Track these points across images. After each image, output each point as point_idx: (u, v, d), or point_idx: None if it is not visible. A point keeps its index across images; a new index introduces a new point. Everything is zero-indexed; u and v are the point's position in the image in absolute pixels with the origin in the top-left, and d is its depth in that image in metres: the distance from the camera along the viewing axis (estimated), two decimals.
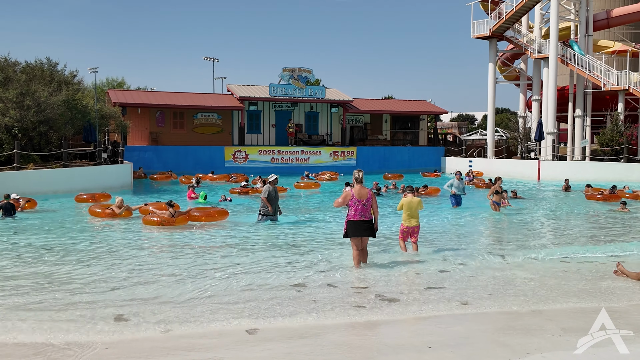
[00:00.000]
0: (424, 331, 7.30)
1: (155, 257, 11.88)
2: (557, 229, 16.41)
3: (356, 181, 10.80)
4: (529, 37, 39.57)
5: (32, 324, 7.47)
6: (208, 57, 63.84)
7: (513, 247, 13.26)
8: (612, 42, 42.78)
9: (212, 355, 6.45)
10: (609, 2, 46.39)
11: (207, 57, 63.79)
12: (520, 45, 39.57)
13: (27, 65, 29.08)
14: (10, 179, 22.73)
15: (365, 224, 10.63)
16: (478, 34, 40.45)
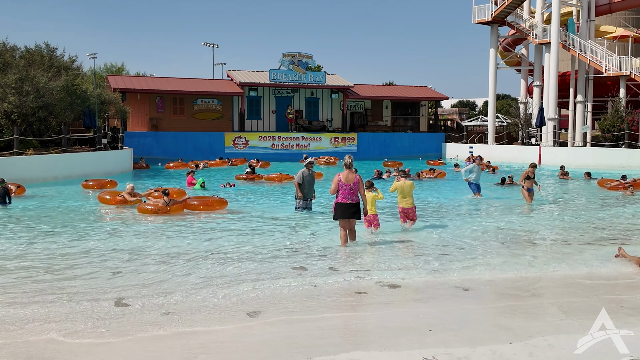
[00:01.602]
0: (425, 315, 7.30)
1: (153, 243, 11.89)
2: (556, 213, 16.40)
3: (345, 166, 11.32)
4: (531, 22, 39.39)
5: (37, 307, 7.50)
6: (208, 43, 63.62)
7: (512, 229, 13.26)
8: (614, 28, 42.63)
9: (213, 336, 6.47)
10: None
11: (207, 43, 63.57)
12: (521, 30, 39.42)
13: (26, 50, 29.01)
14: (10, 164, 22.71)
15: (351, 206, 11.18)
16: (479, 19, 40.28)
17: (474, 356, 5.88)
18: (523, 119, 40.91)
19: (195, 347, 6.13)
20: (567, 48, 36.66)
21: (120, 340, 6.39)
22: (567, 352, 6.03)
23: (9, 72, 25.72)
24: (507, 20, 39.56)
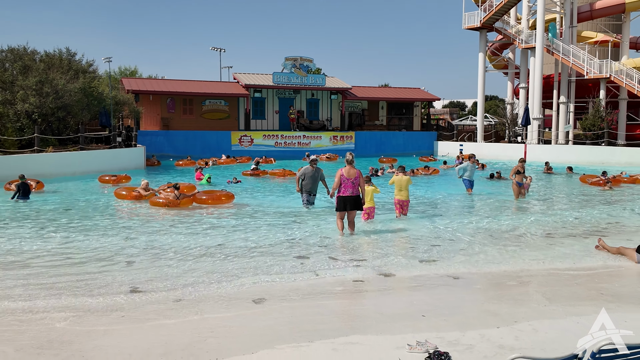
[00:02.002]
0: (418, 301, 7.32)
1: (165, 235, 11.90)
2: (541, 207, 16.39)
3: (347, 162, 11.66)
4: (517, 28, 39.29)
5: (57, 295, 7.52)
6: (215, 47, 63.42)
7: (501, 223, 13.25)
8: (594, 33, 42.53)
9: (222, 322, 6.49)
10: None
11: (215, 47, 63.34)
12: (508, 35, 39.32)
13: (45, 54, 28.92)
14: (31, 161, 22.75)
15: (352, 199, 11.44)
16: (469, 25, 40.18)
17: (464, 340, 5.90)
18: (510, 118, 40.87)
19: (204, 331, 6.15)
20: (551, 52, 36.58)
21: (135, 325, 6.41)
22: (550, 335, 6.05)
23: (30, 74, 25.68)
24: (495, 26, 39.46)
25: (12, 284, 8.04)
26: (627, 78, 34.70)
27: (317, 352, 5.58)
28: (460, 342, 5.83)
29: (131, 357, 5.47)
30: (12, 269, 8.91)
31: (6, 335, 6.06)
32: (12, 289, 7.76)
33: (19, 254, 9.96)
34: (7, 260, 9.49)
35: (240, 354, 5.52)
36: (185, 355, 5.51)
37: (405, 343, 5.74)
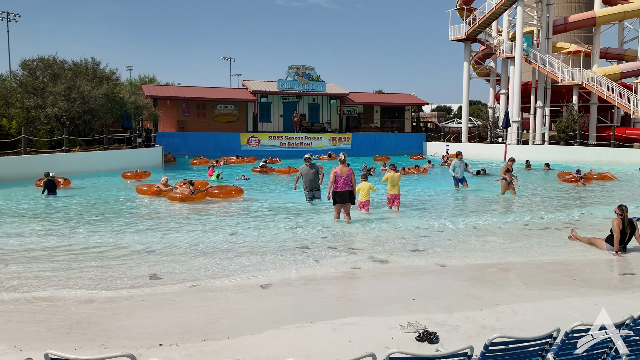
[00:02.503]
0: (409, 286, 7.34)
1: (181, 226, 11.92)
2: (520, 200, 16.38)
3: (340, 162, 12.17)
4: (498, 39, 39.20)
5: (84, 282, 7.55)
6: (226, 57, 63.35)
7: (484, 216, 13.25)
8: (568, 44, 42.44)
9: (232, 305, 6.51)
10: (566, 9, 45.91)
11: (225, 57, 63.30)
12: (490, 46, 39.24)
13: (73, 63, 28.91)
14: (60, 159, 22.76)
15: (346, 193, 11.85)
16: (455, 37, 40.08)
17: (450, 321, 5.92)
18: (491, 121, 40.83)
19: (217, 313, 6.18)
20: (529, 61, 36.51)
21: (155, 308, 6.44)
22: (528, 317, 6.07)
23: (59, 81, 25.66)
24: (478, 38, 39.37)
25: (43, 272, 8.07)
26: (597, 85, 34.68)
27: (318, 332, 5.60)
28: (447, 323, 5.85)
29: (151, 336, 5.50)
30: (43, 258, 8.94)
31: (39, 317, 6.09)
32: (43, 277, 7.79)
33: (49, 245, 9.98)
34: (38, 250, 9.51)
35: (250, 334, 5.55)
36: (200, 334, 5.54)
37: (398, 324, 5.76)
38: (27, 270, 8.07)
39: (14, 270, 8.08)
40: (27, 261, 8.62)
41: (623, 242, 9.32)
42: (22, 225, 11.81)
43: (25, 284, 7.37)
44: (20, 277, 7.67)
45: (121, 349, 5.15)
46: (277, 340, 5.39)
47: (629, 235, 9.36)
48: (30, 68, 27.36)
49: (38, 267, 8.21)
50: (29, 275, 7.76)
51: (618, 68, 38.18)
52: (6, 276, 7.73)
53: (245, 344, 5.30)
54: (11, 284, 7.34)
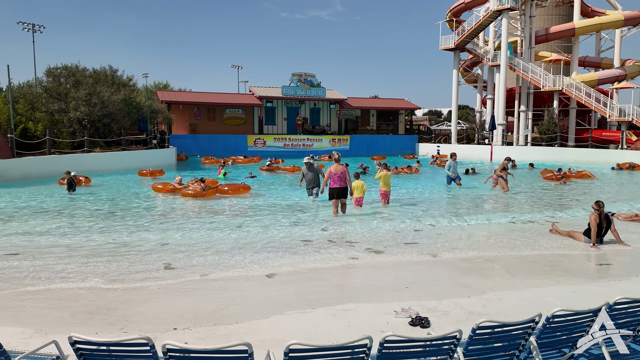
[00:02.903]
0: (402, 276, 7.35)
1: (194, 221, 11.93)
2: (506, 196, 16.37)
3: (335, 161, 12.45)
4: (485, 49, 39.13)
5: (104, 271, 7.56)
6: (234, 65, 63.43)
7: (473, 212, 13.27)
8: (549, 53, 42.35)
9: (240, 292, 6.52)
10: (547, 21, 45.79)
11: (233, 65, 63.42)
12: (478, 55, 39.17)
13: (93, 71, 28.90)
14: (82, 159, 22.78)
15: (340, 189, 12.15)
16: (445, 47, 40.02)
17: (441, 307, 5.93)
18: (478, 124, 40.77)
19: (226, 300, 6.19)
20: (513, 69, 36.46)
21: (169, 295, 6.45)
22: (512, 304, 6.07)
23: (81, 88, 25.65)
24: (466, 48, 39.29)
25: (66, 263, 8.09)
26: (576, 90, 34.63)
27: (319, 317, 5.61)
28: (438, 309, 5.86)
29: (166, 321, 5.51)
30: (65, 251, 8.95)
31: (63, 303, 6.10)
32: (66, 268, 7.80)
33: (71, 238, 9.99)
34: (61, 244, 9.53)
35: (256, 319, 5.56)
36: (211, 319, 5.55)
37: (392, 310, 5.77)
38: (52, 261, 8.09)
39: (40, 262, 8.10)
40: (52, 253, 8.63)
41: (600, 235, 9.33)
42: (47, 220, 11.83)
43: (51, 274, 7.39)
44: (46, 269, 7.69)
45: (138, 332, 5.17)
46: (281, 324, 5.41)
47: (605, 228, 9.36)
48: (54, 75, 27.35)
49: (61, 259, 8.23)
50: (53, 266, 7.78)
51: (595, 75, 38.15)
52: (34, 267, 7.75)
53: (252, 328, 5.32)
54: (37, 275, 7.36)
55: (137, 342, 3.68)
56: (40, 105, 25.20)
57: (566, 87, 34.87)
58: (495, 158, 33.93)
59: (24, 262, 7.99)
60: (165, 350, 3.63)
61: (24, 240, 9.61)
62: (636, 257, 8.51)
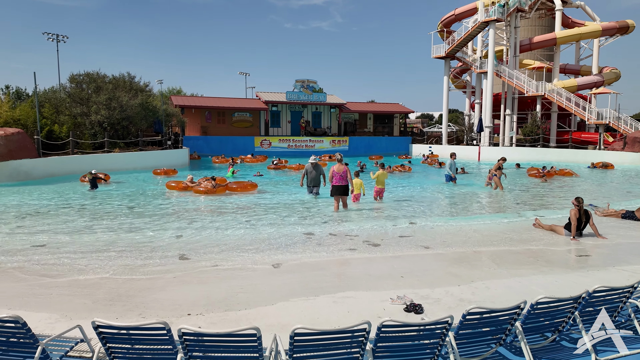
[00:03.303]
0: (398, 266, 7.34)
1: (206, 216, 11.94)
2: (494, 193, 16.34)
3: (337, 161, 12.57)
4: (473, 57, 39.03)
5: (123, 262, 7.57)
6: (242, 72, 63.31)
7: (461, 206, 13.25)
8: (533, 61, 42.23)
9: (249, 281, 6.52)
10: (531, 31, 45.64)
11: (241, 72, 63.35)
12: (466, 63, 39.08)
13: (113, 77, 28.89)
14: (103, 159, 22.79)
15: (342, 187, 12.24)
16: (436, 55, 39.93)
17: (433, 295, 5.93)
18: (467, 126, 40.75)
19: (236, 288, 6.19)
20: (499, 75, 36.37)
21: (184, 284, 6.46)
22: (499, 292, 6.07)
23: (101, 93, 25.64)
24: (456, 56, 39.20)
25: (88, 254, 8.10)
26: (557, 96, 34.56)
27: (322, 304, 5.62)
28: (430, 296, 5.86)
29: (181, 307, 5.52)
30: (88, 243, 8.96)
31: (86, 291, 6.11)
32: (88, 258, 7.82)
33: (93, 231, 10.01)
34: (83, 236, 9.54)
35: (264, 305, 5.57)
36: (222, 305, 5.56)
37: (388, 297, 5.77)
38: (75, 253, 8.10)
39: (65, 253, 8.11)
40: (75, 246, 8.65)
41: (579, 228, 9.32)
42: (71, 215, 11.84)
43: (74, 264, 7.40)
44: (70, 260, 7.71)
45: (155, 317, 5.18)
46: (287, 310, 5.41)
47: (585, 222, 9.35)
48: (77, 81, 27.34)
49: (84, 251, 8.24)
50: (76, 258, 7.79)
51: (575, 81, 38.06)
52: (59, 258, 7.76)
53: (260, 313, 5.32)
54: (62, 265, 7.38)
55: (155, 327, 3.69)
56: (64, 109, 25.20)
57: (548, 93, 34.80)
58: (482, 158, 33.89)
59: (49, 253, 8.01)
60: (180, 334, 3.64)
61: (50, 233, 9.62)
62: (613, 249, 8.50)
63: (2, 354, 4.11)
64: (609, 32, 38.35)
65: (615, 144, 31.05)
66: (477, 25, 35.50)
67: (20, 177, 18.95)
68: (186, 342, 3.68)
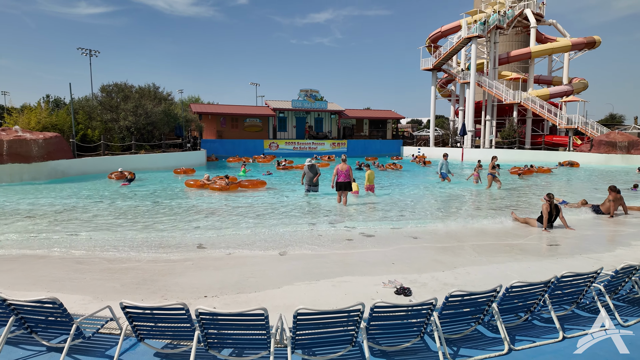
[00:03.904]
0: (390, 254, 7.35)
1: (220, 210, 11.95)
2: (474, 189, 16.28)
3: (342, 161, 12.94)
4: (457, 69, 38.92)
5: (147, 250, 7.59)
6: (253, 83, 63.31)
7: (445, 201, 13.22)
8: (510, 72, 42.08)
9: (258, 267, 6.54)
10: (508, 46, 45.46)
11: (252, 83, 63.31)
12: (451, 74, 38.97)
13: (139, 87, 28.90)
14: (130, 159, 22.81)
15: (344, 183, 12.57)
16: (425, 67, 39.83)
17: (420, 279, 5.93)
18: (452, 130, 40.64)
19: (247, 274, 6.21)
20: (480, 85, 36.26)
21: (201, 270, 6.47)
22: (478, 277, 6.07)
23: (129, 101, 25.67)
24: (442, 68, 39.09)
25: (117, 243, 8.12)
26: (532, 103, 34.45)
27: (322, 287, 5.63)
28: (418, 281, 5.87)
29: (199, 290, 5.54)
30: (117, 233, 8.99)
31: (115, 276, 6.14)
32: (117, 247, 7.84)
33: (121, 222, 10.03)
34: (113, 226, 9.57)
35: (271, 288, 5.58)
36: (235, 289, 5.58)
37: (381, 281, 5.78)
38: (106, 242, 8.13)
39: (97, 242, 8.14)
40: (106, 235, 8.67)
41: (550, 221, 9.31)
42: (102, 207, 11.86)
43: (105, 252, 7.43)
44: (102, 248, 7.73)
45: (176, 299, 5.20)
46: (291, 293, 5.43)
47: (555, 216, 9.35)
48: (107, 91, 27.37)
49: (114, 239, 8.27)
50: (107, 246, 7.82)
51: (547, 91, 37.90)
52: (91, 246, 7.79)
53: (267, 295, 5.34)
54: (94, 253, 7.41)
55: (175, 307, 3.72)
56: (96, 115, 25.24)
57: (524, 100, 34.68)
58: (465, 159, 33.82)
59: (83, 243, 8.04)
60: (197, 314, 3.66)
61: (84, 223, 9.66)
62: (580, 239, 8.49)
63: (42, 330, 4.15)
64: (578, 47, 38.18)
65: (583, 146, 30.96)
66: (460, 41, 35.39)
67: (58, 175, 19.04)
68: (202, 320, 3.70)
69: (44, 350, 4.09)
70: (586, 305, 5.12)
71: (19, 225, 9.55)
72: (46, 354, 4.04)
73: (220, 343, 3.88)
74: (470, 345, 4.18)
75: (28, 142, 18.37)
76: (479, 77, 36.30)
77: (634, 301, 5.26)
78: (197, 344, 3.81)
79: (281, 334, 4.03)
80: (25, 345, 4.17)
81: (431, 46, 41.39)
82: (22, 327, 4.10)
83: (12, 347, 4.13)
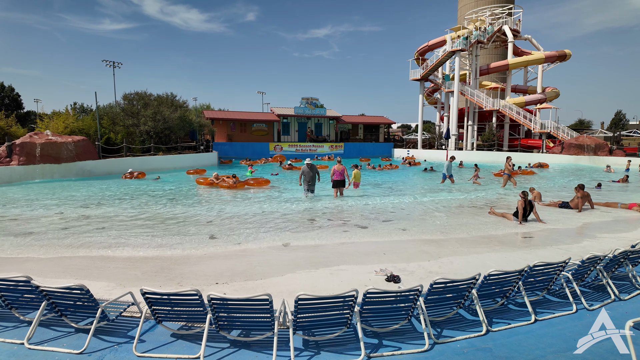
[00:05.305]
0: (382, 245, 7.36)
1: (230, 206, 11.94)
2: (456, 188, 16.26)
3: (337, 162, 13.31)
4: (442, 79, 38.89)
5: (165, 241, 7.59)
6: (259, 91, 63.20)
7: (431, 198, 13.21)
8: (490, 82, 42.00)
9: (264, 257, 6.55)
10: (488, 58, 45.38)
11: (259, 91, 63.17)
12: (437, 84, 38.91)
13: (157, 96, 28.85)
14: (150, 160, 22.78)
15: (341, 181, 12.99)
16: (413, 78, 39.75)
17: (408, 268, 5.94)
18: (438, 134, 40.61)
19: (254, 263, 6.22)
20: (463, 94, 36.22)
21: (212, 259, 6.48)
22: (460, 266, 6.08)
23: (148, 108, 25.62)
24: (429, 78, 39.04)
25: (137, 236, 8.12)
26: (509, 110, 34.40)
27: (321, 275, 5.64)
28: (406, 269, 5.88)
29: (211, 277, 5.55)
30: (136, 226, 8.98)
31: (136, 265, 6.15)
32: (138, 239, 7.84)
33: (139, 217, 10.01)
34: (132, 221, 9.57)
35: (275, 276, 5.60)
36: (243, 276, 5.59)
37: (373, 270, 5.79)
38: (128, 234, 8.13)
39: (120, 234, 8.14)
40: (128, 228, 8.67)
41: (525, 216, 9.32)
42: (125, 203, 11.85)
43: (128, 243, 7.43)
44: (125, 239, 7.72)
45: (190, 286, 5.22)
46: (293, 280, 5.44)
47: (529, 211, 9.36)
48: (129, 99, 27.32)
49: (135, 232, 8.27)
50: (129, 238, 7.82)
51: (523, 99, 37.83)
52: (116, 238, 7.80)
53: (272, 282, 5.36)
54: (118, 243, 7.41)
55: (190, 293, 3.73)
56: (118, 121, 25.21)
57: (502, 107, 34.65)
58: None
59: (108, 235, 8.05)
60: (209, 299, 3.68)
61: (109, 217, 9.66)
62: (551, 232, 8.50)
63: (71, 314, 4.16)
64: (550, 60, 38.13)
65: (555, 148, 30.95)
66: (445, 54, 35.33)
67: (85, 174, 19.06)
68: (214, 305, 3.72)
69: (72, 331, 4.11)
70: (556, 291, 5.13)
71: (50, 219, 9.55)
72: (74, 334, 4.05)
73: (229, 325, 3.89)
74: (453, 327, 4.20)
75: (59, 145, 18.37)
76: (461, 87, 36.26)
77: (599, 287, 5.28)
78: (209, 325, 3.83)
79: (284, 316, 4.04)
80: (56, 327, 4.18)
81: (419, 59, 41.30)
82: (53, 310, 4.12)
83: (44, 329, 4.14)
